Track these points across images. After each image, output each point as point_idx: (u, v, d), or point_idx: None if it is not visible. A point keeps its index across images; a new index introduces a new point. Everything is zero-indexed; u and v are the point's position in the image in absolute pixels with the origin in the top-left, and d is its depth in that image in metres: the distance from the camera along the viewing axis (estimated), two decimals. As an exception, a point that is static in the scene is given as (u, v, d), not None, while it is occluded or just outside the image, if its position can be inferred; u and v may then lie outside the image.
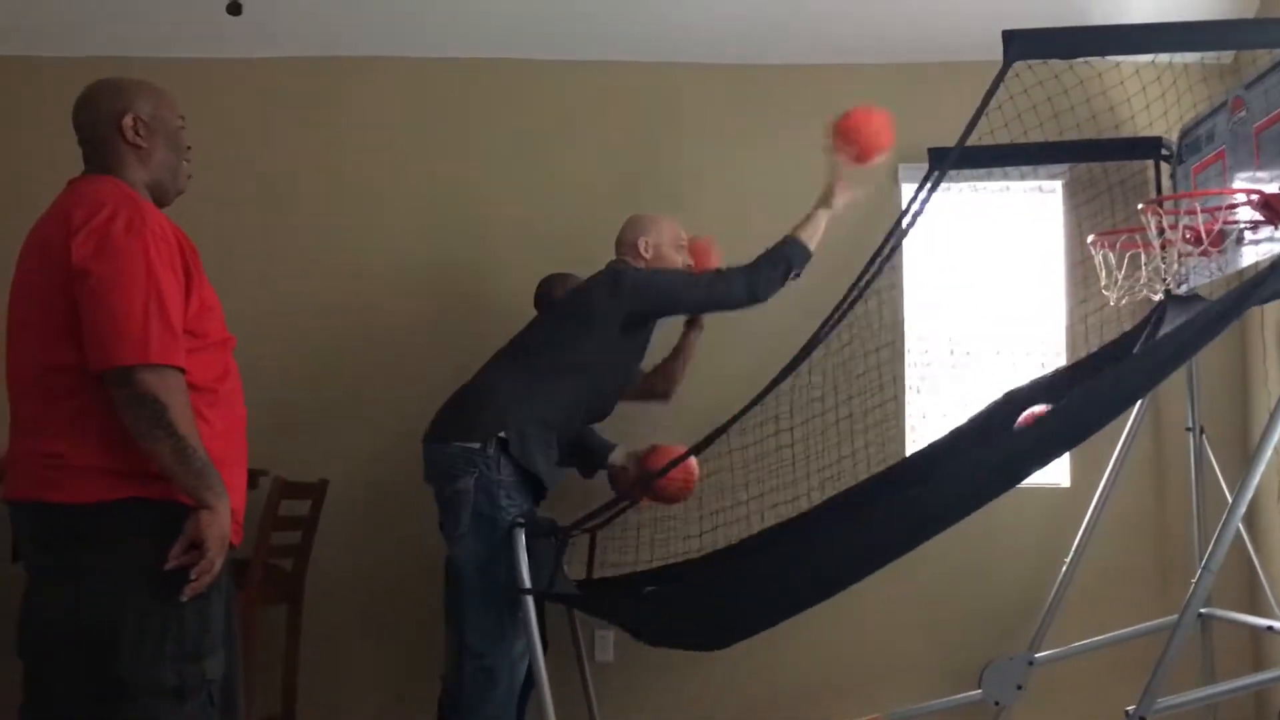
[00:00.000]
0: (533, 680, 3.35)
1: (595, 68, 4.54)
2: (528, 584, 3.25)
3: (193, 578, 2.19)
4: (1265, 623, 3.69)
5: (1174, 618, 3.56)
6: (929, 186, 3.75)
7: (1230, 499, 3.29)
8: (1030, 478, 3.67)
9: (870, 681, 4.30)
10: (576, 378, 3.44)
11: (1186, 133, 4.04)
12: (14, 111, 4.46)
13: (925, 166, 4.13)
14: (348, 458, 4.38)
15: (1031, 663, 4.03)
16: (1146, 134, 4.20)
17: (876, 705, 4.09)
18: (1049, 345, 4.47)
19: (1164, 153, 4.16)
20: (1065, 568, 4.06)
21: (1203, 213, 3.48)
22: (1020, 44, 3.25)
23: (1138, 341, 3.92)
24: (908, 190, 4.36)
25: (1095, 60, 4.11)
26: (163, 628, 2.19)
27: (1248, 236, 3.55)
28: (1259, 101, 3.48)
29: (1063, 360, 4.34)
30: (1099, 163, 4.34)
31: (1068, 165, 4.39)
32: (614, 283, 3.51)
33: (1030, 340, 4.48)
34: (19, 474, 2.27)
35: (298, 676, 4.13)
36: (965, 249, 4.52)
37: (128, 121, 2.38)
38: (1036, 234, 4.52)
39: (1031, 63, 3.69)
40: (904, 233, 3.76)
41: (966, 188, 4.50)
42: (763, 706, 4.31)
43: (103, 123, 2.38)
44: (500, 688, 3.29)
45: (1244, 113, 3.58)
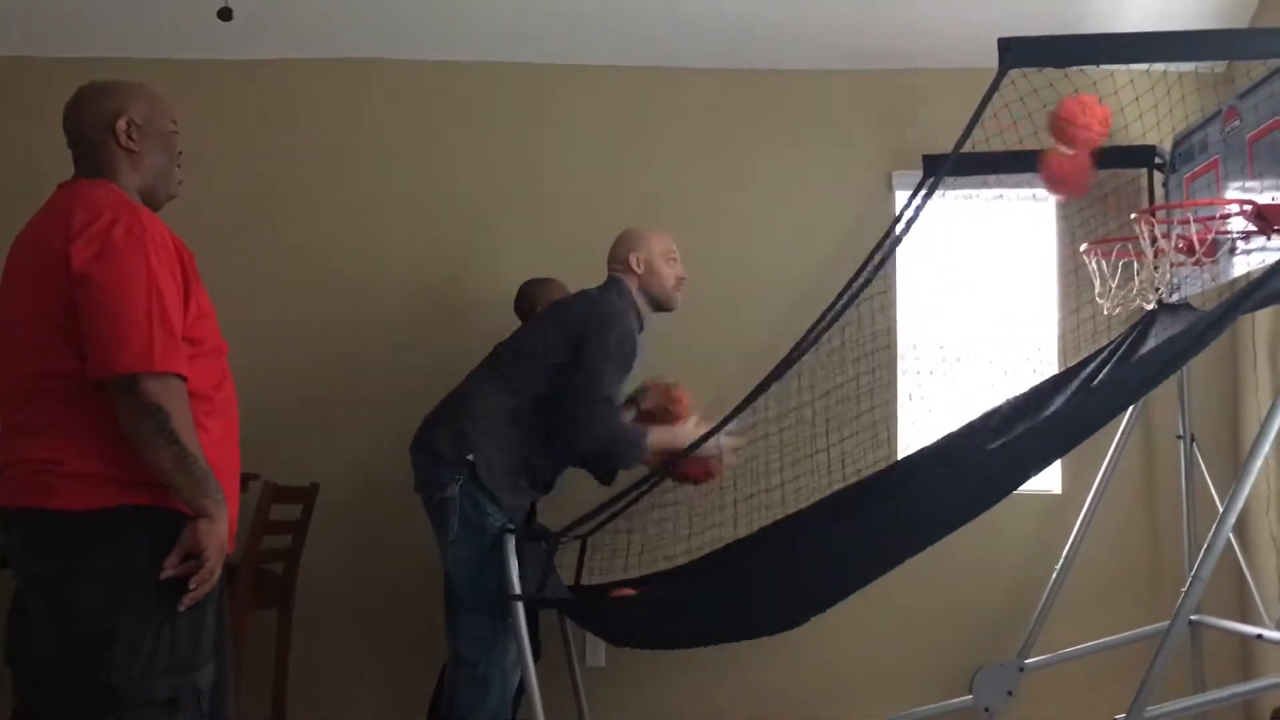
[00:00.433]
0: (523, 686, 3.35)
1: (589, 71, 4.54)
2: (518, 590, 3.24)
3: (191, 587, 2.18)
4: (1254, 630, 3.69)
5: (1164, 624, 3.57)
6: (923, 193, 3.76)
7: (1220, 506, 3.30)
8: (1023, 485, 3.68)
9: (861, 688, 4.30)
10: (543, 392, 3.42)
11: (1180, 142, 4.05)
12: (8, 112, 4.44)
13: (920, 173, 4.14)
14: (339, 461, 4.37)
15: (1022, 669, 4.04)
16: (1140, 142, 4.21)
17: (868, 712, 4.10)
18: (1041, 353, 4.47)
19: (1157, 161, 4.18)
20: (1056, 574, 4.07)
21: (1195, 222, 3.49)
22: (1016, 52, 3.24)
23: (1123, 349, 3.93)
24: (901, 197, 4.37)
25: (1090, 69, 4.12)
26: (157, 638, 2.17)
27: (1240, 246, 3.56)
28: (1252, 111, 3.49)
29: (1054, 368, 4.35)
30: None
31: (1061, 173, 4.39)
32: (595, 302, 3.52)
33: (1023, 348, 4.48)
34: (10, 481, 2.24)
35: (288, 681, 4.11)
36: (959, 256, 4.52)
37: (120, 125, 2.36)
38: (1030, 242, 4.53)
39: (1026, 71, 3.69)
40: (898, 240, 3.76)
41: (961, 195, 4.50)
42: (754, 713, 4.31)
43: (95, 126, 2.36)
44: (492, 697, 3.28)
45: (1237, 122, 3.59)
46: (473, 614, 3.30)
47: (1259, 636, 3.64)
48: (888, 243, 3.76)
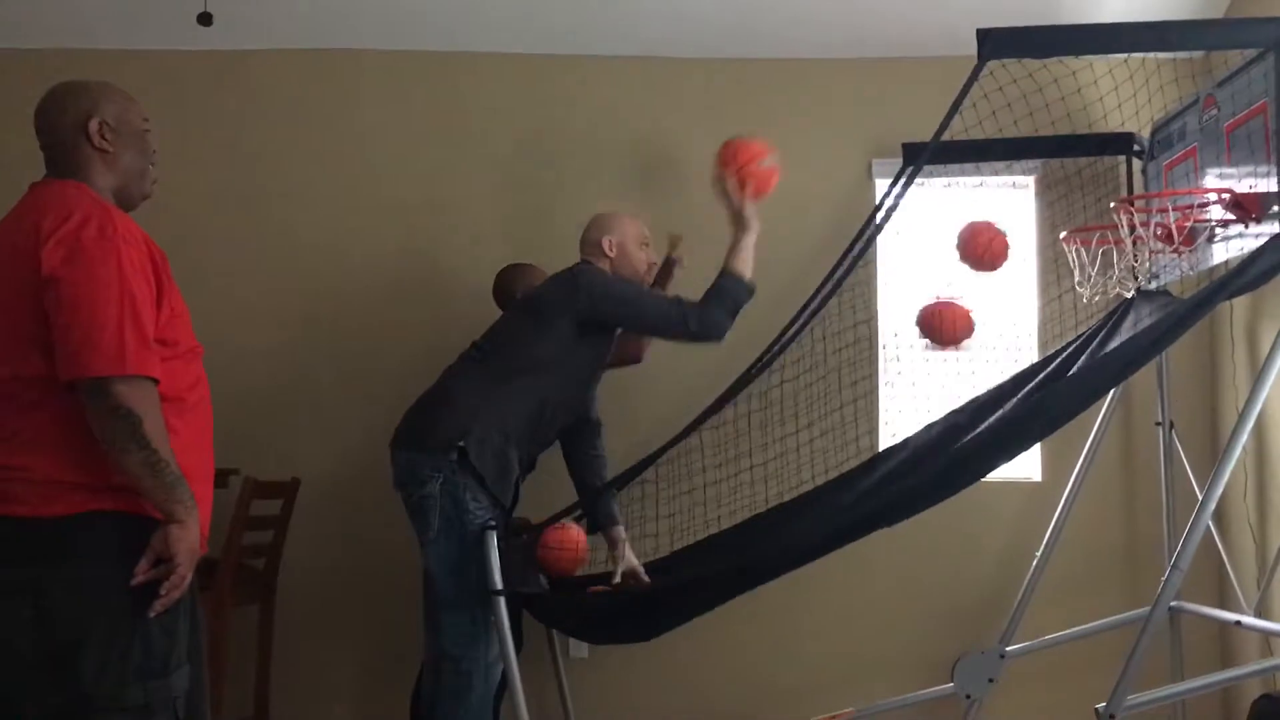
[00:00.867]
0: (506, 680, 3.35)
1: (570, 62, 4.51)
2: (499, 584, 3.24)
3: (162, 593, 2.16)
4: (1233, 617, 3.72)
5: (1144, 610, 3.59)
6: (903, 182, 3.76)
7: (1199, 493, 3.31)
8: (1002, 472, 3.69)
9: (842, 676, 4.32)
10: (534, 379, 3.40)
11: (1158, 129, 4.06)
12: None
13: (899, 162, 4.13)
14: (319, 456, 4.35)
15: (1003, 656, 4.06)
16: (1119, 130, 4.21)
17: (849, 700, 4.11)
18: (1021, 340, 4.48)
19: (1136, 149, 4.18)
20: (1037, 561, 4.08)
21: (1174, 211, 3.50)
22: (994, 43, 3.25)
23: (1101, 336, 3.94)
24: (881, 185, 4.36)
25: (1069, 58, 4.12)
26: (128, 644, 2.16)
27: (1219, 234, 3.57)
28: (1229, 100, 3.50)
29: (1034, 355, 4.36)
30: (1072, 159, 4.35)
31: (1041, 161, 4.40)
32: (572, 283, 3.49)
33: (1002, 335, 4.49)
34: None
35: (270, 676, 4.11)
36: (939, 245, 4.52)
37: (93, 125, 2.33)
38: (1010, 230, 4.52)
39: (1005, 61, 3.69)
40: (878, 228, 3.77)
41: (940, 184, 4.49)
42: (737, 703, 4.32)
43: (67, 127, 2.33)
44: (475, 692, 3.28)
45: (1215, 110, 3.59)
46: (454, 610, 3.30)
47: (1238, 623, 3.67)
48: (868, 231, 3.77)
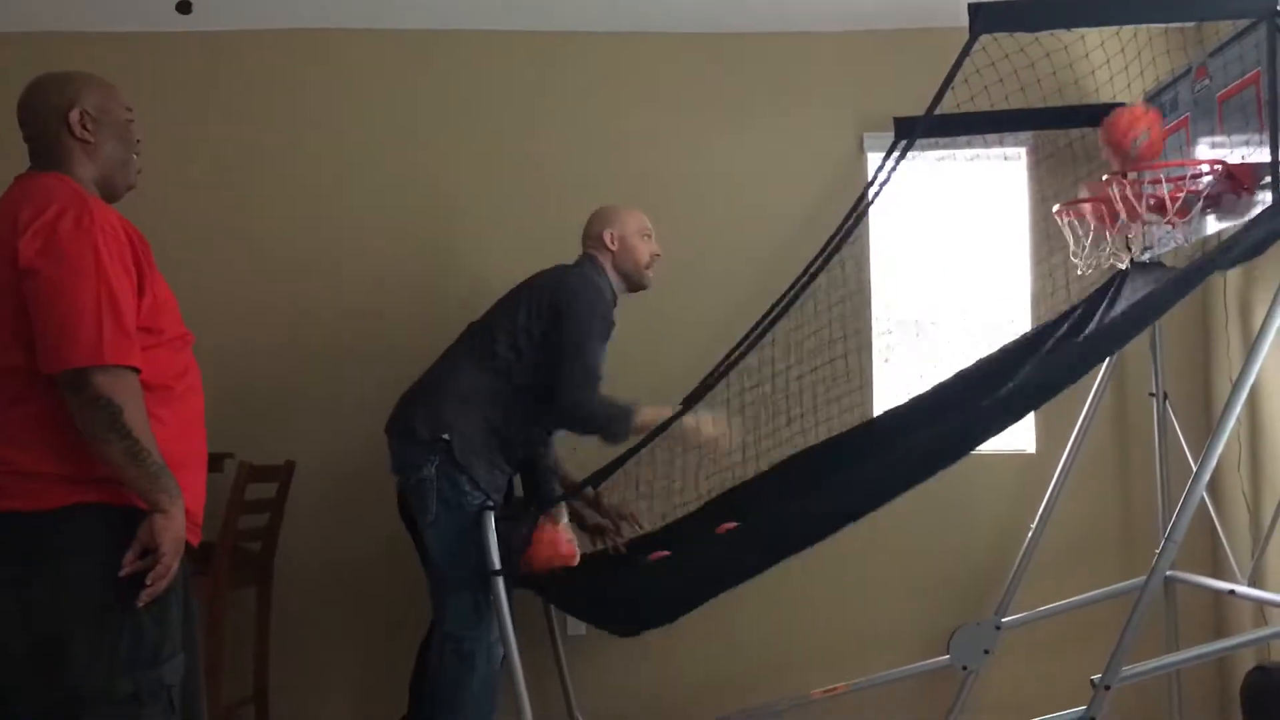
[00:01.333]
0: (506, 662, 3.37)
1: (559, 38, 4.47)
2: (498, 565, 3.25)
3: (148, 583, 2.16)
4: (1227, 586, 3.74)
5: (1139, 580, 3.61)
6: (896, 156, 3.75)
7: (1193, 464, 3.32)
8: (996, 444, 3.70)
9: (839, 649, 4.34)
10: (521, 368, 3.41)
11: (1151, 99, 4.04)
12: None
13: (892, 136, 4.12)
14: (315, 439, 4.34)
15: (999, 627, 4.07)
16: (1113, 101, 4.19)
17: (846, 673, 4.13)
18: (1014, 312, 4.48)
19: (1128, 120, 4.17)
20: (1031, 533, 4.10)
21: (1167, 182, 3.49)
22: (986, 17, 3.23)
23: (1096, 308, 3.94)
24: (874, 160, 4.35)
25: (1061, 30, 4.10)
26: (118, 635, 2.16)
27: (1211, 204, 3.57)
28: (1221, 70, 3.48)
29: (1027, 327, 4.36)
30: (1065, 131, 4.34)
31: (1033, 134, 4.38)
32: (563, 278, 3.51)
33: (996, 308, 4.50)
34: None
35: (269, 658, 4.12)
36: (932, 218, 4.52)
37: (74, 116, 2.32)
38: (1003, 203, 4.53)
39: (999, 34, 3.68)
40: (870, 201, 3.76)
41: (933, 157, 4.48)
42: (733, 678, 4.34)
43: (48, 118, 2.32)
44: (477, 672, 3.30)
45: (1207, 80, 3.58)
46: (455, 591, 3.32)
47: (1231, 592, 3.69)
48: (860, 205, 3.76)
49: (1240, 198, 3.39)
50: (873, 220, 4.35)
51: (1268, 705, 3.25)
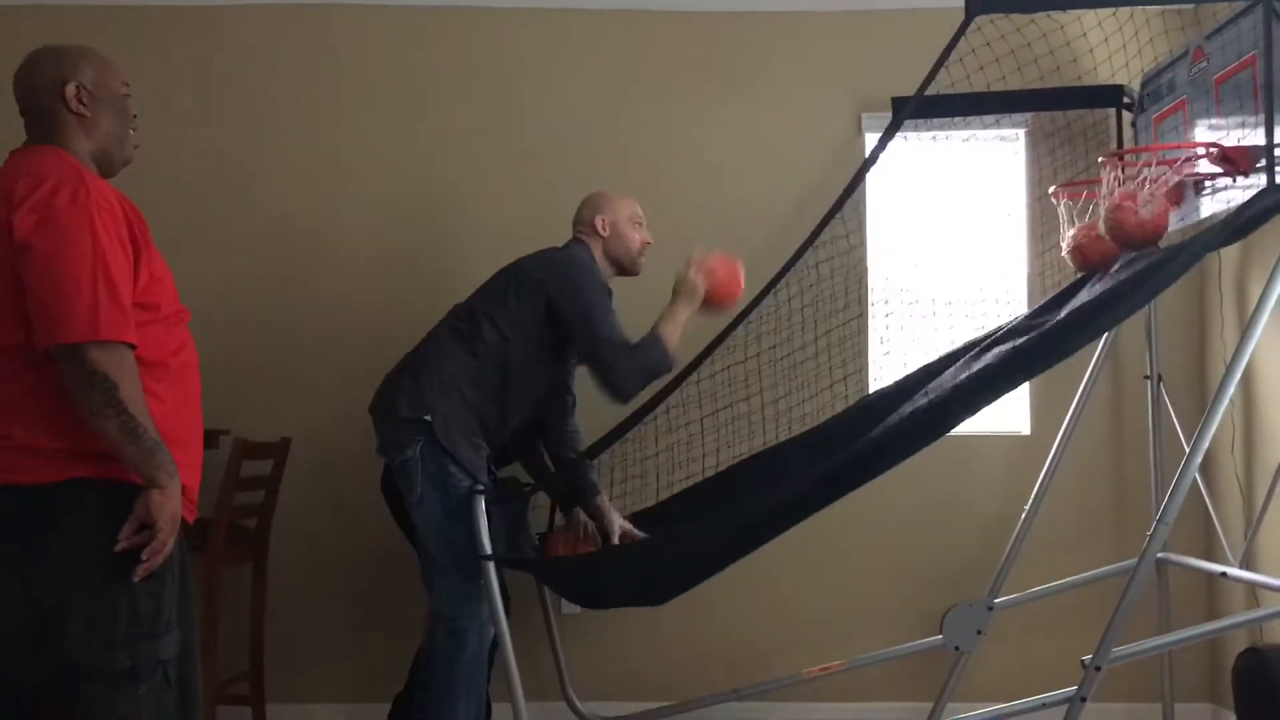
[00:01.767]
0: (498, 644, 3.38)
1: (558, 15, 4.47)
2: (488, 549, 3.25)
3: (144, 558, 2.17)
4: (1219, 568, 3.75)
5: (1131, 562, 3.62)
6: (886, 131, 3.74)
7: (1186, 446, 3.32)
8: (991, 425, 3.72)
9: (832, 629, 4.35)
10: (503, 355, 3.39)
11: (1148, 82, 4.04)
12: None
13: (890, 116, 4.11)
14: (310, 415, 4.35)
15: (991, 608, 4.08)
16: (1109, 83, 4.19)
17: (839, 653, 4.14)
18: (1011, 293, 4.48)
19: (1125, 102, 4.16)
20: (1025, 514, 4.10)
21: (1162, 165, 3.49)
22: (981, -2, 3.24)
23: (1089, 287, 3.94)
24: (872, 140, 4.34)
25: (1057, 12, 4.09)
26: (113, 609, 2.17)
27: (1207, 186, 3.57)
28: (1219, 52, 3.48)
29: (1024, 308, 4.36)
30: (1062, 112, 4.33)
31: (1030, 115, 4.38)
32: (553, 260, 3.50)
33: (991, 289, 4.50)
34: None
35: (264, 633, 4.14)
36: (929, 199, 4.51)
37: (70, 90, 2.31)
38: (999, 184, 4.52)
39: (995, 15, 3.67)
40: (861, 178, 3.76)
41: (930, 138, 4.48)
42: (726, 656, 4.36)
43: (45, 92, 2.31)
44: (469, 650, 3.30)
45: (1204, 63, 3.58)
46: (445, 572, 3.32)
47: (1223, 574, 3.70)
48: (856, 183, 3.76)
49: (1235, 180, 3.39)
50: (870, 201, 4.34)
51: (1260, 687, 3.26)
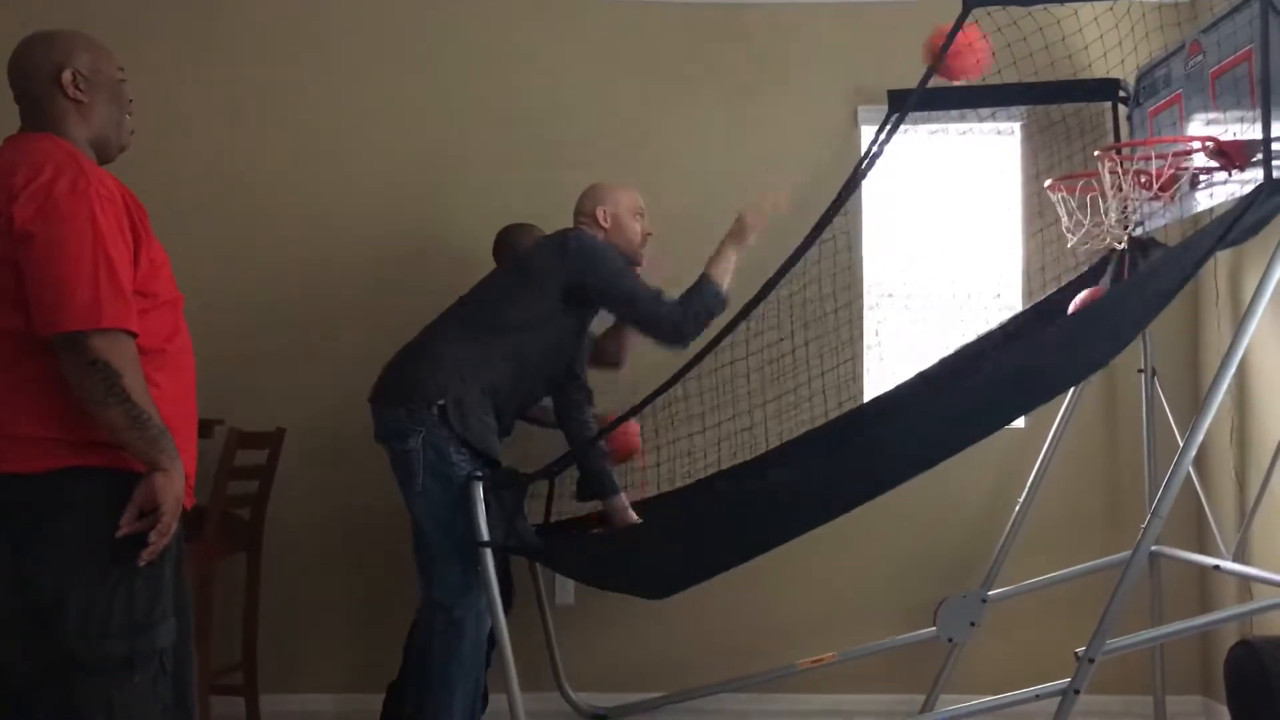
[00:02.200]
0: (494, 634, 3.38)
1: (549, 6, 4.47)
2: (486, 537, 3.25)
3: (151, 541, 2.16)
4: (1212, 561, 3.76)
5: (1125, 555, 3.63)
6: (888, 129, 3.73)
7: (1180, 440, 3.33)
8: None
9: (826, 621, 4.36)
10: (515, 341, 3.39)
11: (1144, 76, 4.04)
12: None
13: (885, 109, 4.12)
14: (304, 405, 4.35)
15: (985, 600, 4.09)
16: (1105, 76, 4.19)
17: (832, 644, 4.15)
18: (1006, 289, 4.49)
19: (1122, 95, 4.16)
20: (1019, 507, 4.11)
21: (1159, 158, 3.49)
22: (979, -9, 3.23)
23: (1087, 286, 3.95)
24: (868, 133, 4.34)
25: (1054, 5, 4.09)
26: (110, 599, 2.16)
27: (1203, 181, 3.57)
28: (1215, 46, 3.48)
29: (1019, 304, 4.37)
30: (1058, 106, 4.33)
31: (1026, 108, 4.38)
32: (563, 246, 3.47)
33: (988, 284, 4.50)
34: None
35: (258, 624, 4.14)
36: (925, 193, 4.51)
37: (66, 76, 2.30)
38: (996, 178, 4.52)
39: (991, 9, 3.67)
40: (863, 174, 3.75)
41: (926, 131, 4.47)
42: (721, 648, 4.37)
43: (40, 79, 2.30)
44: (467, 640, 3.30)
45: (1200, 57, 3.58)
46: (444, 561, 3.31)
47: (1216, 568, 3.71)
48: (854, 178, 3.75)
49: (1231, 174, 3.39)
50: (865, 194, 4.34)
51: (1252, 679, 3.27)
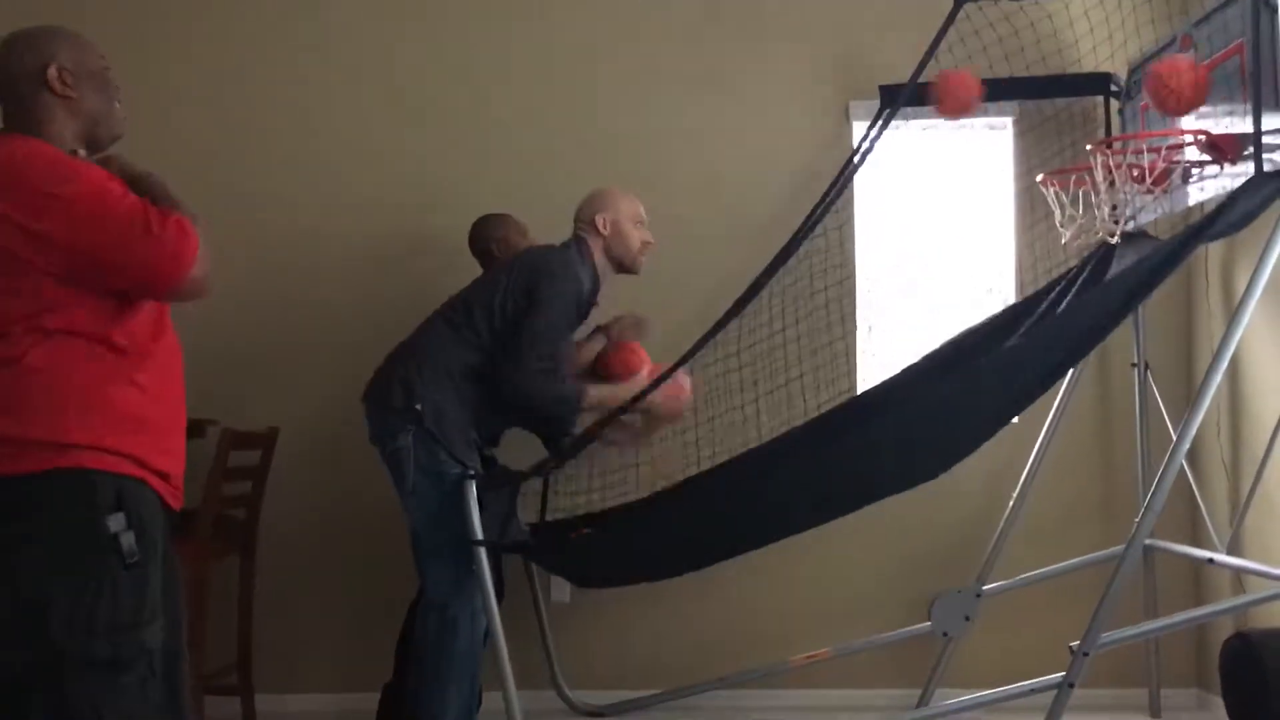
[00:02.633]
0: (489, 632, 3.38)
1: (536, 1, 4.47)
2: (479, 535, 3.25)
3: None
4: (1205, 554, 3.77)
5: (1119, 549, 3.63)
6: (880, 124, 3.73)
7: (1174, 434, 3.34)
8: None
9: (820, 617, 4.36)
10: (495, 344, 3.39)
11: (1135, 69, 4.04)
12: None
13: (877, 103, 4.11)
14: (298, 405, 4.34)
15: (979, 595, 4.10)
16: (1096, 70, 4.19)
17: (827, 640, 4.16)
18: (999, 282, 4.49)
19: (1113, 90, 4.16)
20: (1013, 501, 4.12)
21: (1150, 152, 3.49)
22: (970, -15, 3.23)
23: (1084, 278, 3.95)
24: (859, 128, 4.33)
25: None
26: (95, 599, 2.14)
27: (1194, 174, 3.57)
28: (1206, 40, 3.48)
29: (1012, 297, 4.37)
30: (1050, 100, 4.33)
31: (1018, 103, 4.37)
32: (544, 265, 3.47)
33: (980, 278, 4.50)
34: None
35: (252, 625, 4.13)
36: (917, 187, 4.51)
37: (52, 73, 2.27)
38: (987, 172, 4.52)
39: (982, 4, 3.67)
40: (855, 169, 3.75)
41: (918, 126, 4.47)
42: (715, 644, 4.36)
43: (24, 79, 2.27)
44: (461, 639, 3.31)
45: (1192, 51, 3.58)
46: (437, 559, 3.32)
47: (1210, 560, 3.72)
48: (845, 173, 3.75)
49: (1223, 168, 3.39)
50: (857, 189, 4.34)
51: (1246, 671, 3.27)
